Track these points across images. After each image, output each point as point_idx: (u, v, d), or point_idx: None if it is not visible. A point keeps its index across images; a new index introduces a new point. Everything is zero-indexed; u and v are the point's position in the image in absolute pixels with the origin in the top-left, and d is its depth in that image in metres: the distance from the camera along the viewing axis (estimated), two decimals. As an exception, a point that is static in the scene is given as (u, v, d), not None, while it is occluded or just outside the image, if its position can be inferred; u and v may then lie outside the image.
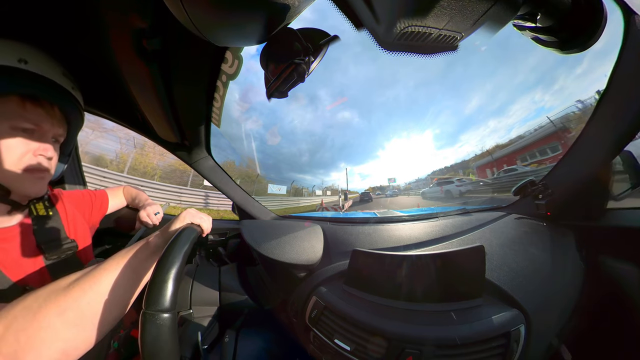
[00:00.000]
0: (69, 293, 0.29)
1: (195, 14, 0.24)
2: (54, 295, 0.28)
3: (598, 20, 0.25)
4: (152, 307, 0.27)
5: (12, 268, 0.40)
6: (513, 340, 0.41)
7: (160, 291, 0.28)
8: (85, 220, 0.62)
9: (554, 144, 16.57)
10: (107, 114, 0.70)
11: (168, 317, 0.27)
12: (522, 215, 0.75)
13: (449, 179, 16.76)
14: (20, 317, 0.26)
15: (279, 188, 15.81)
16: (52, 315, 0.27)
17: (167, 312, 0.27)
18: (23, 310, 0.27)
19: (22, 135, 0.37)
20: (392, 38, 0.24)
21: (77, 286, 0.30)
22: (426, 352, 0.41)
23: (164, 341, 0.26)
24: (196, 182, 9.08)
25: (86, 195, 0.68)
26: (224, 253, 1.01)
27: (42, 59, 0.38)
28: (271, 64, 0.33)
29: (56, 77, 0.39)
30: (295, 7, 0.26)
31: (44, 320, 0.27)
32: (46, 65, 0.38)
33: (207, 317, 0.66)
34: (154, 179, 8.96)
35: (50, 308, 0.27)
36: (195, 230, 0.38)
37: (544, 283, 0.50)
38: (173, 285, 0.29)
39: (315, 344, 0.53)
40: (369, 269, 0.53)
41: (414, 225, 0.75)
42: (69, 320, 0.28)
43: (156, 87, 0.48)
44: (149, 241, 0.38)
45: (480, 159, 24.33)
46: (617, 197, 0.60)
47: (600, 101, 0.53)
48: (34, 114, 0.37)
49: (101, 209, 0.70)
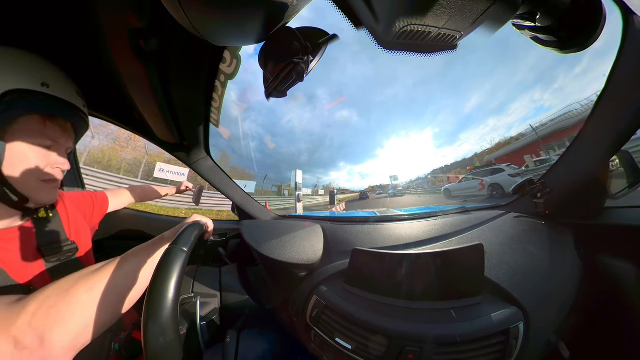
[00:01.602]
0: (98, 273, 0.34)
1: (192, 13, 0.24)
2: (84, 276, 0.33)
3: (597, 20, 0.25)
4: (177, 244, 0.35)
5: (15, 269, 0.42)
6: (512, 338, 0.41)
7: (184, 237, 0.36)
8: (87, 221, 0.63)
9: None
10: (104, 115, 0.69)
11: (185, 254, 0.34)
12: (520, 213, 0.76)
13: (494, 167, 9.81)
14: (53, 295, 0.29)
15: (245, 185, 11.89)
16: (82, 291, 0.31)
17: (184, 252, 0.34)
18: (57, 289, 0.30)
19: (42, 150, 0.41)
20: (391, 37, 0.24)
21: (104, 269, 0.35)
22: (426, 350, 0.41)
23: (175, 271, 0.31)
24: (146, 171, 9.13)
25: (87, 196, 0.69)
26: (224, 254, 1.01)
27: (60, 81, 0.42)
28: (270, 63, 0.32)
29: (72, 98, 0.44)
30: (294, 5, 0.26)
31: (75, 296, 0.30)
32: (64, 87, 0.43)
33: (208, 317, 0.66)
34: (119, 172, 8.98)
35: (81, 285, 0.31)
36: (202, 224, 0.48)
37: (542, 281, 0.51)
38: (191, 240, 0.37)
39: (316, 343, 0.54)
40: (369, 268, 0.54)
41: (414, 224, 0.76)
42: (96, 296, 0.31)
43: (154, 88, 0.48)
44: (164, 236, 0.47)
45: (500, 149, 20.01)
46: (615, 196, 0.60)
47: (599, 101, 0.54)
48: (53, 130, 0.42)
49: (102, 209, 0.72)
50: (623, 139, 0.51)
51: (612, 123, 0.52)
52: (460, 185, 11.17)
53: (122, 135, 10.25)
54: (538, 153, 14.97)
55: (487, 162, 17.71)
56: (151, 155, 10.21)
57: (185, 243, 0.36)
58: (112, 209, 0.78)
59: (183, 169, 9.44)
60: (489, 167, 10.15)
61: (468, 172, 12.02)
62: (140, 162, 9.58)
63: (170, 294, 0.29)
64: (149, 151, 10.08)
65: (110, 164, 9.97)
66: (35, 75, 0.38)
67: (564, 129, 15.76)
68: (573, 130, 14.65)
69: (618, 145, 0.52)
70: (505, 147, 19.82)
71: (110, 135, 10.13)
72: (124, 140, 10.36)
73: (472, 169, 12.31)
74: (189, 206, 7.11)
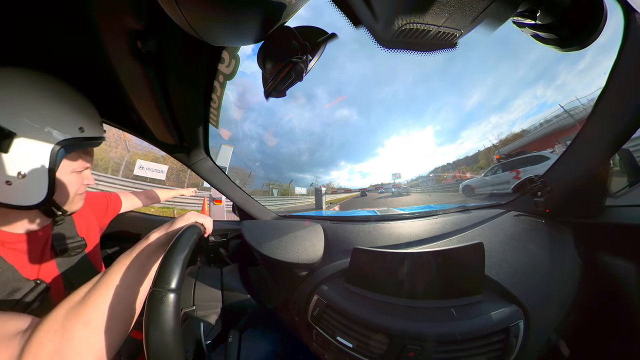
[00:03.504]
0: (87, 304, 0.30)
1: (190, 13, 0.24)
2: (73, 310, 0.30)
3: (598, 18, 0.25)
4: (161, 286, 0.28)
5: (26, 266, 0.45)
6: (512, 336, 0.41)
7: (169, 273, 0.29)
8: (98, 220, 0.68)
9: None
10: (102, 116, 0.69)
11: (174, 297, 0.28)
12: (521, 212, 0.75)
13: (533, 154, 6.51)
14: (47, 341, 0.27)
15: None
16: (78, 328, 0.29)
17: (173, 292, 0.28)
18: (47, 334, 0.28)
19: (78, 174, 0.51)
20: (390, 35, 0.23)
21: (93, 295, 0.31)
22: (427, 348, 0.41)
23: (168, 319, 0.27)
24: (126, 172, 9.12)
25: (102, 196, 0.75)
26: (226, 254, 1.01)
27: (90, 118, 0.49)
28: (269, 63, 0.32)
29: (99, 132, 0.51)
30: (292, 4, 0.26)
31: (73, 336, 0.28)
32: (94, 123, 0.49)
33: (210, 317, 0.67)
34: (106, 171, 8.99)
35: (74, 322, 0.29)
36: (199, 228, 0.41)
37: (542, 279, 0.51)
38: (180, 270, 0.30)
39: (318, 341, 0.54)
40: (370, 266, 0.54)
41: (414, 223, 0.76)
42: (96, 329, 0.29)
43: (153, 89, 0.47)
44: (149, 238, 0.40)
45: (517, 139, 16.60)
46: (615, 195, 0.60)
47: (600, 99, 0.53)
48: (85, 160, 0.52)
49: (114, 210, 0.77)
50: (624, 137, 0.50)
51: (613, 121, 0.52)
52: (485, 180, 8.02)
53: (112, 135, 10.18)
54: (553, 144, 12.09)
55: (515, 151, 12.51)
56: (137, 154, 10.13)
57: (171, 278, 0.29)
58: (124, 210, 0.83)
59: (162, 166, 9.41)
60: (525, 155, 6.67)
61: (495, 164, 8.08)
62: (129, 161, 9.55)
63: (170, 330, 0.26)
64: (130, 149, 10.00)
65: (98, 163, 9.99)
66: (73, 120, 0.45)
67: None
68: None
69: (619, 143, 0.52)
70: (525, 137, 16.00)
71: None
72: (114, 140, 10.32)
73: (500, 158, 8.21)
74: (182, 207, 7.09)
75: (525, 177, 0.75)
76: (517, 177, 6.52)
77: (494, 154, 19.02)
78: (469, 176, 10.06)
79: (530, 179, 0.73)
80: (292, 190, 20.06)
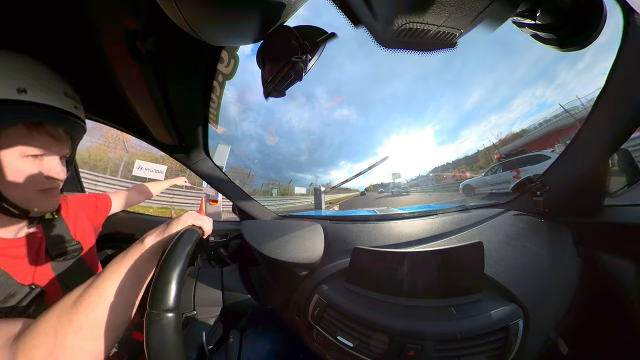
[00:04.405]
0: (79, 309, 0.29)
1: (189, 13, 0.24)
2: (65, 314, 0.29)
3: (598, 18, 0.25)
4: (157, 307, 0.27)
5: (20, 271, 0.42)
6: (512, 334, 0.41)
7: (165, 291, 0.28)
8: (90, 221, 0.64)
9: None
10: (100, 117, 0.69)
11: (173, 317, 0.27)
12: (520, 211, 0.76)
13: (534, 154, 6.43)
14: (40, 344, 0.27)
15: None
16: (70, 334, 0.28)
17: (171, 312, 0.27)
18: (40, 336, 0.27)
19: (33, 161, 0.39)
20: (390, 35, 0.23)
21: (85, 300, 0.30)
22: (427, 347, 0.41)
23: (169, 341, 0.26)
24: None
25: (91, 197, 0.72)
26: (226, 254, 1.01)
27: (41, 82, 0.37)
28: (268, 62, 0.32)
29: (58, 101, 0.39)
30: (292, 4, 0.26)
31: (66, 341, 0.27)
32: (46, 89, 0.37)
33: (210, 318, 0.67)
34: (105, 172, 8.92)
35: (67, 327, 0.28)
36: (196, 232, 0.38)
37: (541, 278, 0.51)
38: (177, 285, 0.29)
39: (318, 341, 0.54)
40: (370, 266, 0.54)
41: (414, 223, 0.76)
42: (88, 335, 0.29)
43: (152, 89, 0.47)
44: (144, 241, 0.37)
45: (516, 139, 16.23)
46: (614, 194, 0.60)
47: (599, 99, 0.53)
48: (41, 140, 0.39)
49: (105, 210, 0.74)
50: (622, 137, 0.51)
51: (612, 121, 0.52)
52: (486, 180, 7.94)
53: (111, 135, 10.11)
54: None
55: (515, 150, 12.13)
56: (136, 154, 10.06)
57: (166, 297, 0.27)
58: (116, 209, 0.80)
59: (161, 167, 9.32)
60: (525, 154, 6.64)
61: (495, 163, 8.09)
62: (127, 162, 9.49)
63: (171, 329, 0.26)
64: (129, 149, 9.93)
65: (97, 164, 9.91)
66: (11, 82, 0.34)
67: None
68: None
69: (617, 143, 0.52)
70: (525, 136, 15.78)
71: (102, 136, 9.97)
72: (113, 140, 10.26)
73: (500, 158, 8.36)
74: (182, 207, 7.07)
75: (525, 177, 0.75)
76: (518, 176, 6.39)
77: (494, 154, 18.98)
78: (469, 175, 10.59)
79: (530, 178, 0.74)
80: (292, 190, 20.10)
